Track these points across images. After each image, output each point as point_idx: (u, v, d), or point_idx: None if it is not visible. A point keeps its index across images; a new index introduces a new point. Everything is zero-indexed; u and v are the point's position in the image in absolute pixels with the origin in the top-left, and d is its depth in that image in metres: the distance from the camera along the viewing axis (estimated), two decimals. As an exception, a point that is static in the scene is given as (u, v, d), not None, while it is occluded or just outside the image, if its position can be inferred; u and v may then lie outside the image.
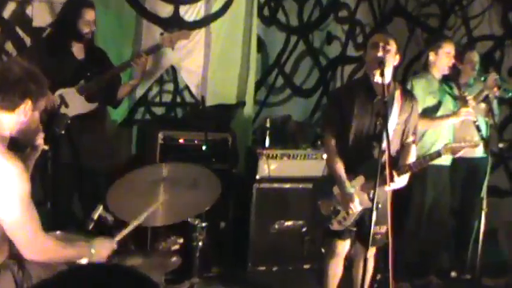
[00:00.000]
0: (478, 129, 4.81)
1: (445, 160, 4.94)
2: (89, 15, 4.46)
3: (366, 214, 3.86)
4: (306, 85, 6.51)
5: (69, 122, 4.09)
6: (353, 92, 3.95)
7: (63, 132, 3.98)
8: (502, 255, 5.26)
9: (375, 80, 3.85)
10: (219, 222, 5.00)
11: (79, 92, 4.44)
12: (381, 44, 3.82)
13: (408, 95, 4.07)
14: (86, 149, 4.48)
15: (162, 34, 4.73)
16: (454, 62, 5.08)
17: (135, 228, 3.13)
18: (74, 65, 4.50)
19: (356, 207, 3.85)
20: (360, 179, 3.89)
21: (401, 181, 3.81)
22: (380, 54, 3.78)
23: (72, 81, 4.45)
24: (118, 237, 3.01)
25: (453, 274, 5.32)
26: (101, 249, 2.84)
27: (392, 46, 3.84)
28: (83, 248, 2.81)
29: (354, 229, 3.95)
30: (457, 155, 4.05)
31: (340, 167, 3.90)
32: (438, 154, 4.02)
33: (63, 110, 4.35)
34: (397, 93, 3.90)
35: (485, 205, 4.67)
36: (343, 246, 4.05)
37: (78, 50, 4.54)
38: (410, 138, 4.00)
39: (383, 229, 3.82)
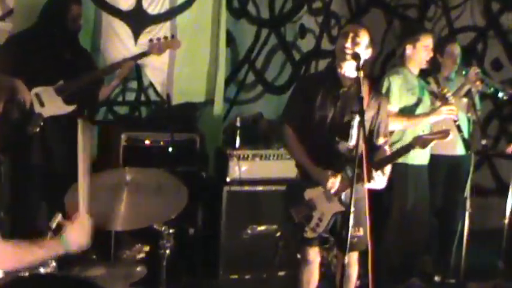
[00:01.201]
0: (459, 129, 4.86)
1: (423, 159, 4.99)
2: (76, 10, 4.47)
3: (338, 219, 3.90)
4: (279, 81, 6.54)
5: (41, 123, 4.07)
6: (319, 82, 3.96)
7: (37, 130, 3.96)
8: (488, 258, 5.33)
9: (342, 72, 3.88)
10: (188, 228, 4.95)
11: (57, 92, 4.42)
12: (351, 35, 3.83)
13: (375, 92, 4.08)
14: (59, 152, 4.47)
15: (151, 41, 4.77)
16: (433, 56, 5.14)
17: (97, 236, 3.10)
18: (57, 63, 4.49)
19: (335, 183, 3.83)
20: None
21: (379, 181, 3.83)
22: (348, 45, 3.80)
23: (53, 80, 4.44)
24: (81, 206, 2.81)
25: (437, 278, 5.37)
26: (76, 237, 2.68)
27: (363, 38, 3.83)
28: (51, 243, 2.68)
29: (326, 235, 3.95)
30: (427, 147, 4.04)
31: (302, 152, 3.92)
32: (409, 147, 4.00)
33: (38, 109, 4.33)
34: (365, 89, 3.91)
35: (469, 205, 4.74)
36: (315, 253, 4.06)
37: (62, 48, 4.52)
38: (381, 140, 4.00)
39: (360, 232, 3.85)
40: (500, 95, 5.05)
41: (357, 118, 3.73)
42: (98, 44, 5.34)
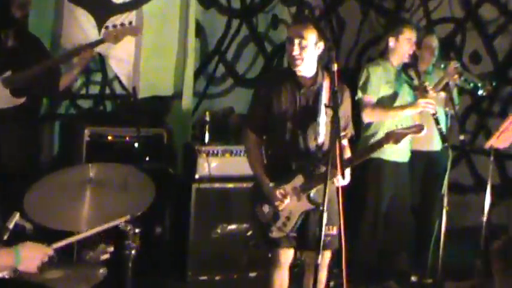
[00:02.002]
0: (437, 122, 4.90)
1: (402, 156, 5.03)
2: None
3: (307, 217, 3.92)
4: (250, 74, 6.54)
5: None
6: (279, 82, 3.99)
7: None
8: (466, 257, 5.39)
9: (300, 74, 3.93)
10: (155, 227, 4.99)
11: (4, 83, 4.36)
12: (296, 41, 3.85)
13: (338, 85, 4.08)
14: (6, 150, 4.41)
15: (106, 28, 4.71)
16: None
17: (59, 236, 3.08)
18: (2, 52, 4.41)
19: (284, 202, 3.86)
20: (299, 179, 3.92)
21: (346, 178, 3.83)
22: (296, 52, 3.84)
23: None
24: (57, 245, 2.87)
25: (413, 278, 5.40)
26: (29, 257, 2.66)
27: (310, 38, 3.84)
28: (2, 252, 2.66)
29: (294, 235, 3.96)
30: (399, 143, 4.02)
31: (259, 163, 3.97)
32: (382, 142, 4.01)
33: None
34: (326, 84, 3.95)
35: (446, 202, 4.78)
36: (286, 255, 4.05)
37: (8, 36, 4.46)
38: (342, 133, 3.94)
39: (333, 230, 3.87)
40: (479, 92, 5.11)
41: (323, 116, 3.82)
42: (58, 34, 5.29)
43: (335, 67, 3.66)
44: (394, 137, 3.97)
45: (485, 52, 6.20)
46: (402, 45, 5.00)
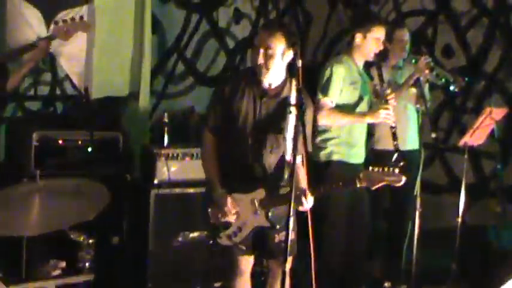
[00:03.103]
0: (394, 137, 4.89)
1: (361, 157, 5.01)
2: None
3: (261, 231, 3.94)
4: (212, 72, 6.53)
5: None
6: (242, 85, 3.96)
7: None
8: (441, 260, 5.44)
9: (264, 84, 3.90)
10: (111, 237, 4.95)
11: None
12: (261, 51, 3.81)
13: (302, 96, 4.02)
14: None
15: (55, 23, 4.65)
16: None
17: (6, 248, 3.04)
18: None
19: (231, 213, 3.88)
20: (260, 193, 3.92)
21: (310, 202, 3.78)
22: (261, 62, 3.80)
23: None
24: None
25: (387, 285, 5.45)
26: None
27: (277, 47, 3.79)
28: None
29: (243, 248, 3.97)
30: (374, 188, 3.91)
31: (214, 168, 3.97)
32: (353, 182, 3.90)
33: None
34: (294, 95, 3.86)
35: (419, 204, 4.82)
36: (247, 262, 4.06)
37: None
38: (299, 158, 3.85)
39: (292, 235, 3.85)
40: (451, 87, 5.15)
41: (291, 132, 3.77)
42: (2, 31, 5.22)
43: (299, 63, 3.64)
44: (369, 180, 3.88)
45: (457, 46, 6.28)
46: (369, 44, 4.89)
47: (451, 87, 5.10)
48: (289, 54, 3.84)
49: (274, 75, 3.86)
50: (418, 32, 6.37)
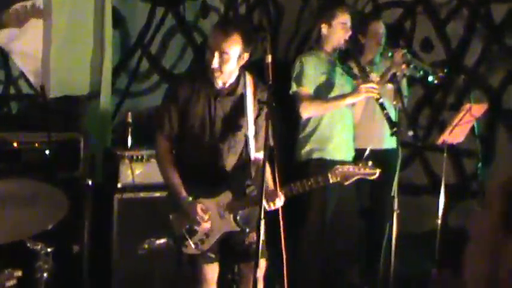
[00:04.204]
0: (382, 107, 4.94)
1: (346, 155, 5.07)
2: None
3: (230, 237, 3.96)
4: (178, 69, 6.53)
5: None
6: (195, 85, 3.98)
7: None
8: (421, 264, 5.48)
9: (218, 84, 3.93)
10: (72, 245, 4.90)
11: None
12: (216, 54, 3.82)
13: (259, 89, 4.05)
14: None
15: (7, 11, 4.60)
16: (355, 36, 5.22)
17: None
18: None
19: (205, 218, 3.88)
20: (226, 196, 3.94)
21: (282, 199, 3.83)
22: (215, 66, 3.82)
23: None
24: None
25: (365, 290, 5.50)
26: None
27: (233, 51, 3.81)
28: None
29: (212, 256, 3.98)
30: (348, 183, 4.04)
31: (174, 172, 3.97)
32: (326, 178, 3.98)
33: None
34: (250, 91, 3.96)
35: (397, 205, 4.84)
36: (214, 271, 4.07)
37: None
38: (258, 154, 3.95)
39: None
40: (430, 79, 5.17)
41: (251, 129, 3.85)
42: None
43: (269, 59, 3.65)
44: (341, 174, 3.96)
45: (437, 39, 6.31)
46: (336, 31, 5.00)
47: (430, 78, 5.13)
48: (246, 57, 3.88)
49: (228, 76, 3.89)
50: (396, 25, 6.40)
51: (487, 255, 1.07)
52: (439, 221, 5.13)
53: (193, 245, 3.94)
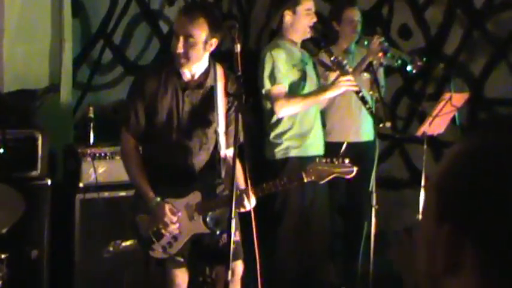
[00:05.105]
0: (364, 101, 4.92)
1: (320, 148, 5.02)
2: None
3: (200, 239, 3.93)
4: (143, 60, 6.50)
5: None
6: (161, 78, 3.94)
7: None
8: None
9: (183, 73, 3.91)
10: (30, 250, 4.82)
11: None
12: (181, 38, 3.79)
13: (231, 81, 4.02)
14: None
15: None
16: (329, 24, 5.18)
17: None
18: None
19: (174, 220, 3.84)
20: (195, 196, 3.89)
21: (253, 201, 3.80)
22: (180, 51, 3.77)
23: None
24: None
25: (343, 290, 5.47)
26: None
27: (198, 37, 3.78)
28: None
29: (181, 260, 3.95)
30: (323, 182, 3.97)
31: (140, 172, 3.94)
32: (300, 177, 3.91)
33: None
34: (220, 83, 3.93)
35: (375, 200, 4.81)
36: (184, 276, 4.03)
37: None
38: (230, 150, 3.92)
39: (237, 236, 3.83)
40: (408, 68, 5.15)
41: (222, 125, 3.85)
42: None
43: (238, 48, 3.64)
44: (316, 173, 3.87)
45: (415, 25, 6.28)
46: (301, 19, 4.96)
47: (408, 68, 5.10)
48: (214, 42, 3.85)
49: (195, 64, 3.86)
50: (372, 11, 6.36)
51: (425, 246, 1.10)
52: (420, 216, 5.08)
53: (160, 249, 3.90)
